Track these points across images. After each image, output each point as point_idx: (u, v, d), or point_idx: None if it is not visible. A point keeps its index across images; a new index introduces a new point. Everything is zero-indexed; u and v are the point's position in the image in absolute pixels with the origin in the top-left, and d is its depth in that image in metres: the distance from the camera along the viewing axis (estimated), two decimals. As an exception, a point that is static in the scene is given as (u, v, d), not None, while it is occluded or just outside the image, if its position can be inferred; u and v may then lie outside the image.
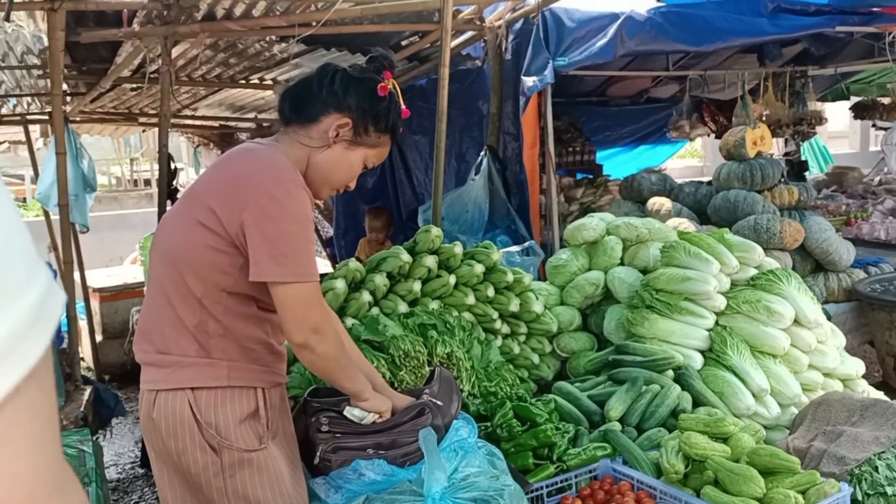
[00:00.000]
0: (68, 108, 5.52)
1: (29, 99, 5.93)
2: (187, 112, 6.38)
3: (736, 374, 2.84)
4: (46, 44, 3.95)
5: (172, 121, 5.58)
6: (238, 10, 3.83)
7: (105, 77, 4.66)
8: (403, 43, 4.90)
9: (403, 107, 1.91)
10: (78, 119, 6.19)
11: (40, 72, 4.79)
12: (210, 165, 1.85)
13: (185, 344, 1.73)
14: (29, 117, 6.33)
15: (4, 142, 12.36)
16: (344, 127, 1.81)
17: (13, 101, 5.94)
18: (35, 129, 6.78)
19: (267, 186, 1.67)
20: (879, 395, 3.01)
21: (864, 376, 3.20)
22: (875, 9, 5.17)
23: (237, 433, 1.72)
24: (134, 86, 5.11)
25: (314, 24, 4.04)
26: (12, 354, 0.44)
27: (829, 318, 3.50)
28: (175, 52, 4.15)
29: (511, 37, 4.69)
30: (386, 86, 1.86)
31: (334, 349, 1.78)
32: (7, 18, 3.41)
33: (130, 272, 6.58)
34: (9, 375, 0.44)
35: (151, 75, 4.41)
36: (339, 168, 1.85)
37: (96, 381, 4.17)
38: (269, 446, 1.77)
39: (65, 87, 5.00)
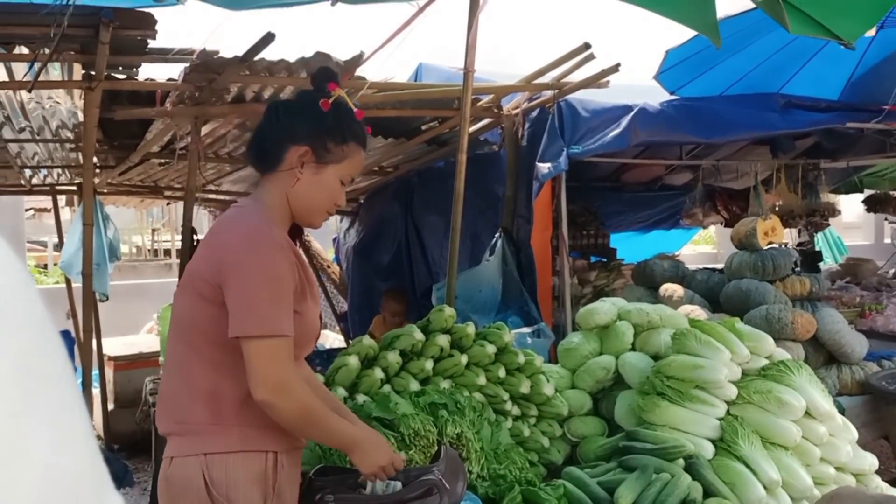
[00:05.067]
0: (97, 181, 5.70)
1: (59, 170, 6.13)
2: (212, 187, 6.55)
3: (747, 465, 2.81)
4: (81, 119, 4.13)
5: (197, 195, 5.75)
6: (267, 94, 4.00)
7: (135, 152, 4.82)
8: (423, 127, 5.07)
9: (356, 110, 1.89)
10: (105, 191, 6.37)
11: (73, 145, 4.98)
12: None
13: (200, 411, 1.77)
14: (58, 187, 6.52)
15: (31, 209, 12.69)
16: (305, 155, 1.82)
17: (44, 171, 6.14)
18: (61, 197, 6.97)
19: (235, 247, 1.73)
20: (894, 492, 2.97)
21: (880, 472, 3.16)
22: (884, 107, 5.31)
23: (245, 494, 1.75)
24: (162, 161, 5.28)
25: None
26: None
27: (842, 411, 3.48)
28: (204, 130, 4.31)
29: (527, 124, 4.83)
30: (327, 100, 1.83)
31: (297, 407, 1.73)
32: (30, 90, 3.55)
33: (146, 341, 6.63)
34: None
35: (180, 152, 4.57)
36: (316, 193, 1.84)
37: (106, 451, 4.17)
38: None
39: (95, 160, 5.17)
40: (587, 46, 4.23)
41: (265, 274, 1.70)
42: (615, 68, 4.40)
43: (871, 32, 3.73)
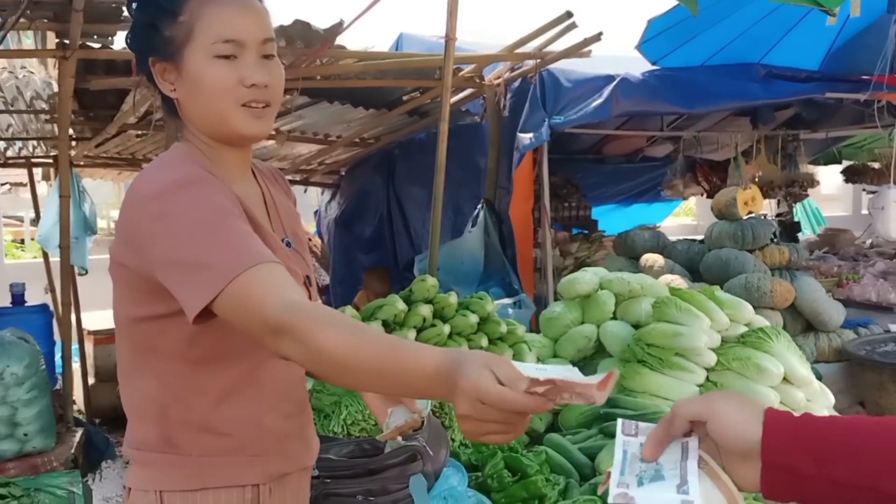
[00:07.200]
0: (73, 153, 5.62)
1: (34, 142, 6.03)
2: (190, 159, 6.48)
3: (725, 431, 2.85)
4: (56, 90, 4.05)
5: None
6: (245, 63, 3.95)
7: (111, 123, 4.75)
8: (405, 98, 5.03)
9: None
10: (82, 163, 6.28)
11: (48, 116, 4.89)
12: None
13: (150, 435, 1.35)
14: (34, 160, 6.42)
15: (6, 183, 12.49)
16: (158, 67, 1.36)
17: (19, 144, 6.03)
18: (37, 171, 6.87)
19: (146, 207, 1.25)
20: (868, 455, 3.02)
21: (854, 437, 3.22)
22: (864, 77, 5.33)
23: None
24: (139, 132, 5.21)
25: (318, 77, 4.16)
26: None
27: (819, 377, 3.53)
28: (181, 100, 4.25)
29: (509, 95, 4.81)
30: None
31: (320, 342, 1.06)
32: None
33: (126, 316, 6.59)
34: None
35: (157, 123, 4.49)
36: (200, 91, 1.32)
37: (87, 424, 4.16)
38: None
39: (71, 131, 5.09)
40: (569, 15, 4.21)
41: (190, 214, 1.22)
42: (597, 37, 4.39)
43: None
